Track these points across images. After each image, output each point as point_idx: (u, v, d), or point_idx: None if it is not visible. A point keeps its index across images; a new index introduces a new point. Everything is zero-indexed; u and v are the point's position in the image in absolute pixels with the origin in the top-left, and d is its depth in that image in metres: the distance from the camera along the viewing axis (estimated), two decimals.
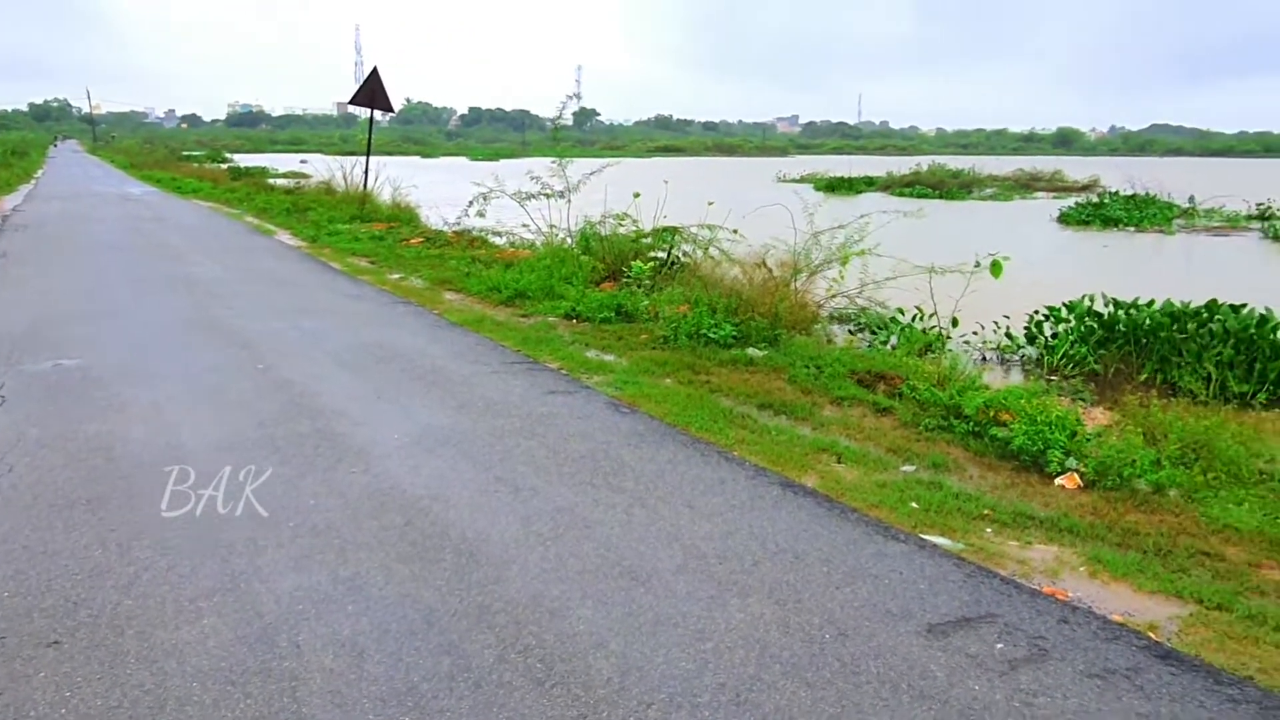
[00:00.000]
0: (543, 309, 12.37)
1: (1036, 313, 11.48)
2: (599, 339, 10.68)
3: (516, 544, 4.96)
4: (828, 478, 6.29)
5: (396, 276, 15.21)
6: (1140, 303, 10.77)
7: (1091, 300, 11.17)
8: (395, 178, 26.33)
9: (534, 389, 8.28)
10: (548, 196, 16.14)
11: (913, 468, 6.60)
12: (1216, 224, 33.19)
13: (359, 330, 10.66)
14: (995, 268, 9.47)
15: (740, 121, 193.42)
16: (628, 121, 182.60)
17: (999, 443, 6.94)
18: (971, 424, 7.34)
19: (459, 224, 19.40)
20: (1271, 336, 9.56)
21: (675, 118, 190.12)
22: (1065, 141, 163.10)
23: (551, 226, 16.29)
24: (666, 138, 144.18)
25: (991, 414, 7.30)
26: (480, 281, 13.98)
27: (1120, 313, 10.67)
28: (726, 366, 9.46)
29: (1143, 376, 10.01)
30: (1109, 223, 32.24)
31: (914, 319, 12.46)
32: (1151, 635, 4.23)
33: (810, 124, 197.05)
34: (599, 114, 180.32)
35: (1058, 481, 6.36)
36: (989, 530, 5.49)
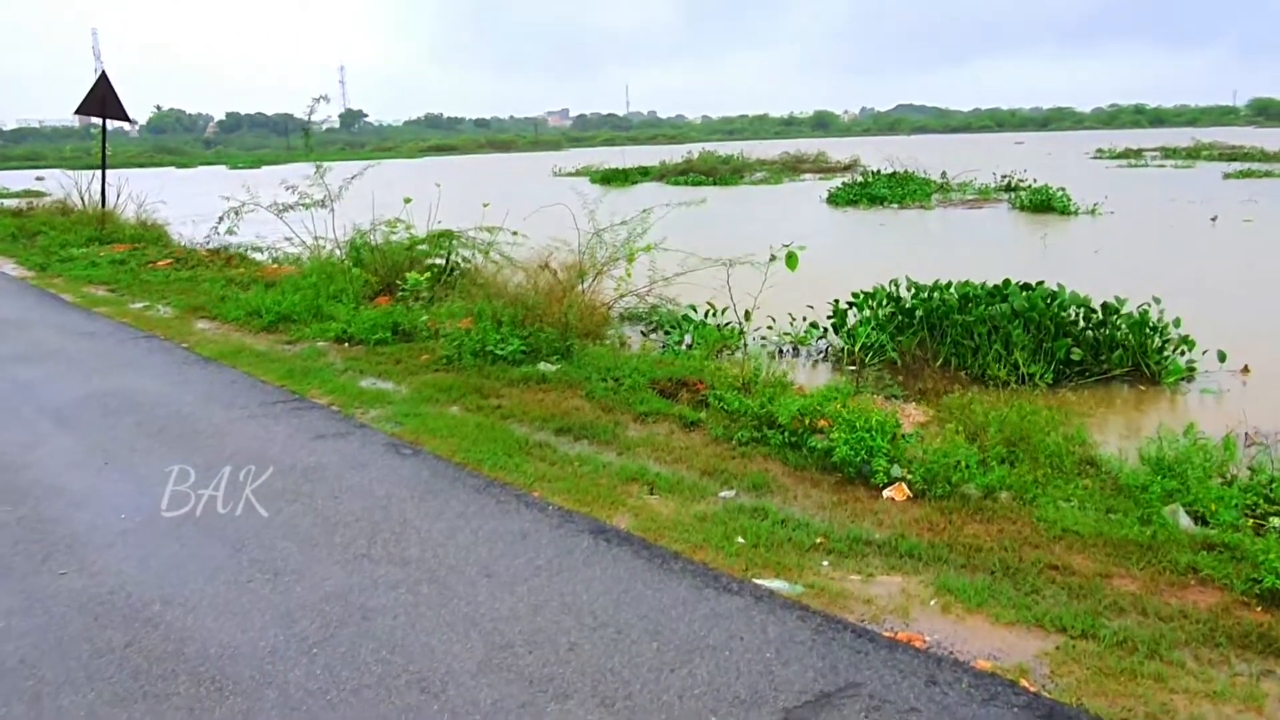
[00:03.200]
0: (311, 333, 11.14)
1: (837, 301, 11.20)
2: (375, 364, 9.62)
3: (275, 655, 3.97)
4: (642, 515, 5.58)
5: (140, 306, 13.50)
6: (939, 284, 10.64)
7: (896, 285, 10.99)
8: (142, 192, 23.85)
9: (299, 434, 7.19)
10: (307, 206, 14.77)
11: (732, 492, 5.99)
12: (970, 197, 34.95)
13: (90, 376, 9.17)
14: (790, 260, 9.06)
15: (512, 117, 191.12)
16: (397, 122, 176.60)
17: (819, 453, 6.44)
18: (787, 434, 6.82)
19: (209, 241, 17.63)
20: (1058, 314, 9.59)
21: (446, 116, 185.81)
22: (822, 124, 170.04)
23: (317, 239, 14.94)
24: (438, 137, 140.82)
25: (807, 422, 6.80)
26: (238, 305, 12.54)
27: (917, 298, 10.52)
28: (518, 386, 8.64)
29: (938, 362, 9.89)
30: (874, 201, 33.34)
31: (707, 315, 12.02)
32: (1025, 684, 3.74)
33: (581, 116, 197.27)
34: (367, 115, 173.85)
35: (886, 494, 5.90)
36: (826, 563, 4.93)
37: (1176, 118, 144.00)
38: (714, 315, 11.97)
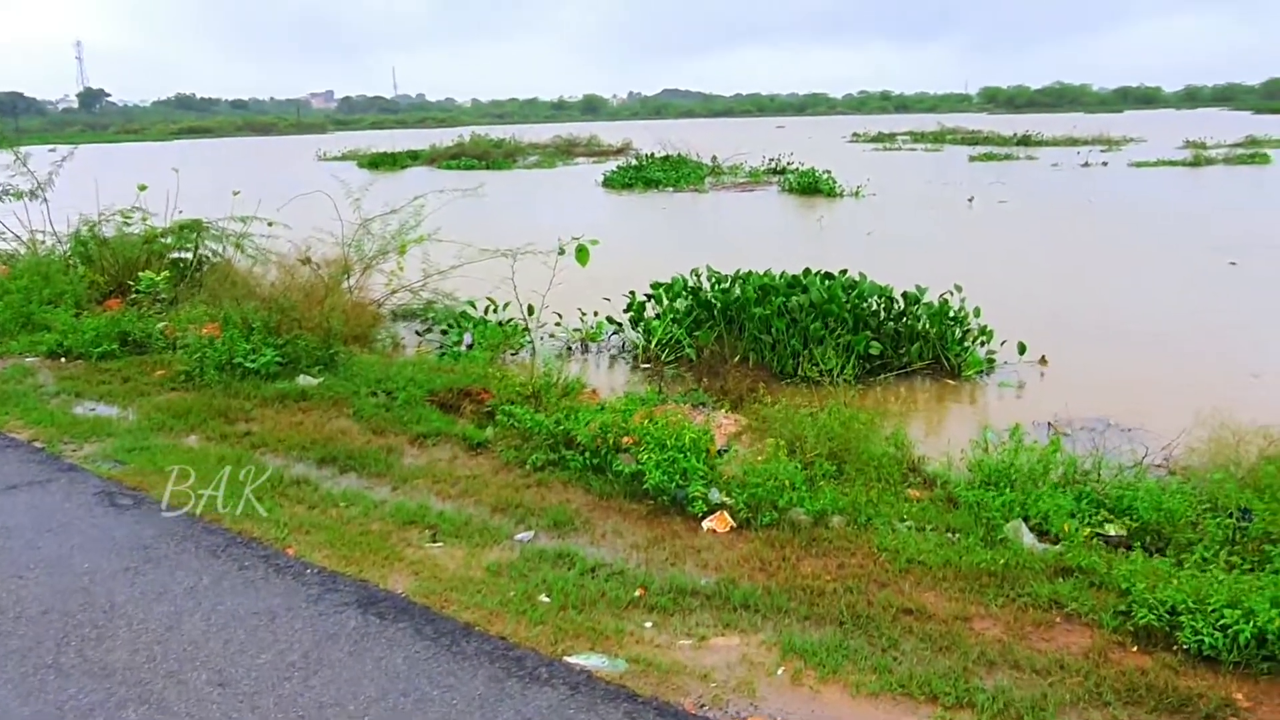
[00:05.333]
0: (18, 347, 9.41)
1: (633, 294, 10.42)
2: (97, 384, 8.12)
3: None
4: (424, 571, 4.61)
5: None
6: (738, 275, 10.03)
7: (698, 275, 10.31)
8: None
9: None
10: (17, 197, 12.71)
11: (530, 534, 5.10)
12: (742, 180, 35.36)
13: None
14: (581, 254, 8.24)
15: (272, 99, 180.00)
16: (145, 102, 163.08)
17: (626, 478, 5.65)
18: (589, 455, 5.99)
19: None
20: (858, 305, 9.19)
21: (199, 96, 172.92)
22: (592, 108, 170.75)
23: (33, 233, 12.90)
24: (191, 119, 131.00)
25: (610, 440, 5.99)
26: None
27: (715, 290, 9.90)
28: (272, 405, 7.43)
29: (736, 358, 9.32)
30: (650, 184, 33.10)
31: (488, 311, 11.06)
32: None
33: (346, 99, 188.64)
34: (109, 94, 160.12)
35: (706, 524, 5.17)
36: (649, 624, 4.13)
37: (919, 104, 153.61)
38: (495, 311, 11.03)
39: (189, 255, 12.40)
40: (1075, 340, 10.20)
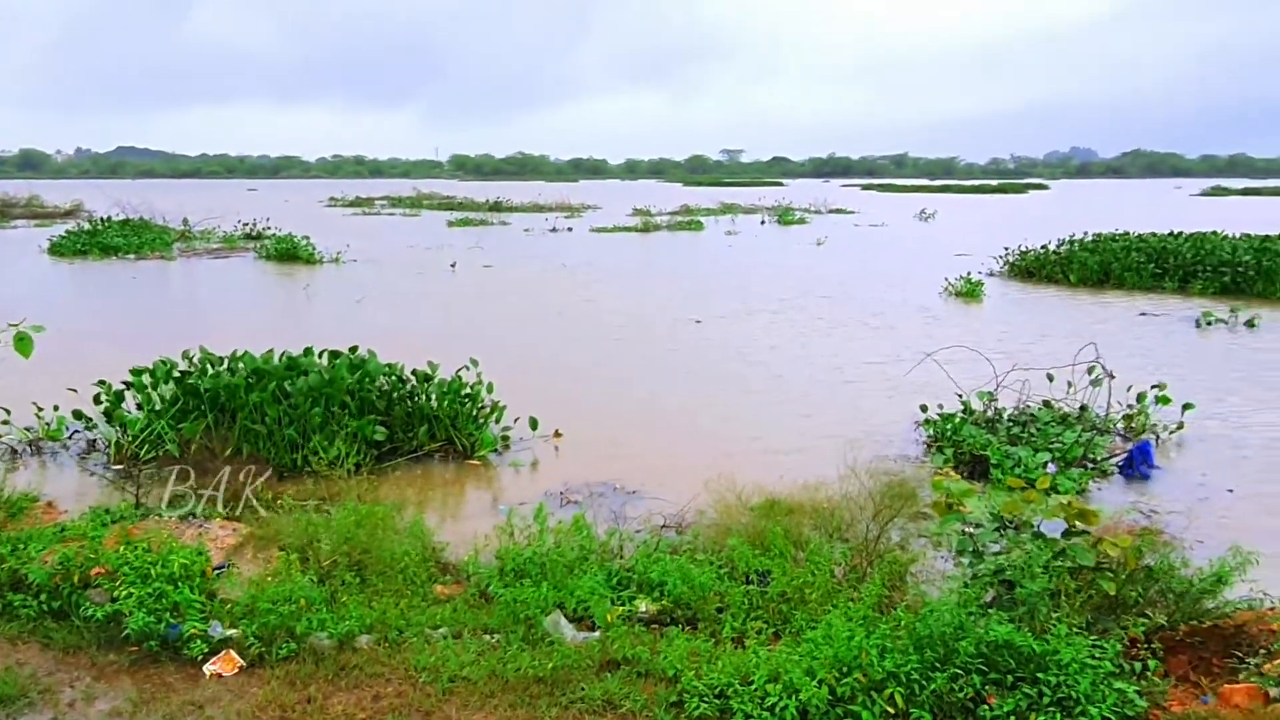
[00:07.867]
0: None
1: (105, 382, 8.81)
2: None
3: None
4: None
5: None
6: (234, 356, 8.92)
7: (188, 358, 8.98)
8: None
9: None
10: None
11: None
12: (215, 245, 33.11)
13: None
14: (22, 343, 6.80)
15: None
16: None
17: (101, 623, 4.61)
18: (46, 597, 4.84)
19: None
20: (363, 387, 8.59)
21: None
22: (31, 164, 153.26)
23: None
24: None
25: (76, 576, 4.89)
26: None
27: (204, 374, 8.74)
28: None
29: (228, 451, 8.31)
30: (108, 251, 29.83)
31: None
32: None
33: None
34: None
35: (209, 669, 4.34)
36: None
37: (392, 169, 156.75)
38: None
39: None
40: (575, 407, 10.41)
